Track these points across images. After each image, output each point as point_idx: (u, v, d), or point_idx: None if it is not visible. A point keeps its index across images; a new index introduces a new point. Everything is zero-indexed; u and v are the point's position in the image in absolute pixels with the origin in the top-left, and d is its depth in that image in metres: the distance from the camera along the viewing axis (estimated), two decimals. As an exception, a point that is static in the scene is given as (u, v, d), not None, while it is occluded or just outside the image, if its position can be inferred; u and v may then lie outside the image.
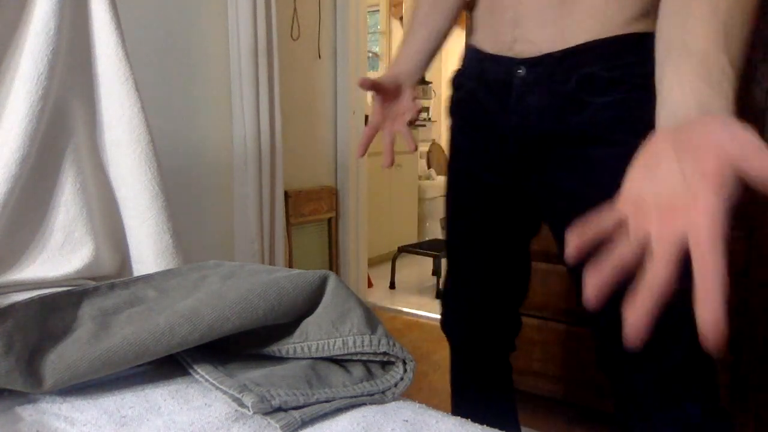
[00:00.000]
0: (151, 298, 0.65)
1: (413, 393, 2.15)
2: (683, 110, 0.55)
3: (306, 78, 2.75)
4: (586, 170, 0.85)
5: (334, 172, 2.93)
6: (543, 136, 0.89)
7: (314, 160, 2.83)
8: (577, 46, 0.83)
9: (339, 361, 0.64)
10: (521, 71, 0.88)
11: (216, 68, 2.21)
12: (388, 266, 3.55)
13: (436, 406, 1.99)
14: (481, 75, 0.97)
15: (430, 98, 4.67)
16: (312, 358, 0.63)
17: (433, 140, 5.03)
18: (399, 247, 3.42)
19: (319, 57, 2.79)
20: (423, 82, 4.53)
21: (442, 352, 2.37)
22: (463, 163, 1.06)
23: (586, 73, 0.83)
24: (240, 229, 2.31)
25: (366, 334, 0.62)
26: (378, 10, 4.72)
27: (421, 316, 2.86)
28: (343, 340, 0.62)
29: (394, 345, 0.62)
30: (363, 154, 1.07)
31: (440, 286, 3.17)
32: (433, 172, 4.61)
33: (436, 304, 3.19)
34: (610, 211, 0.51)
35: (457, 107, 1.07)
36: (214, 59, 2.20)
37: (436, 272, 3.30)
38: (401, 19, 4.80)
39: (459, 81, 1.06)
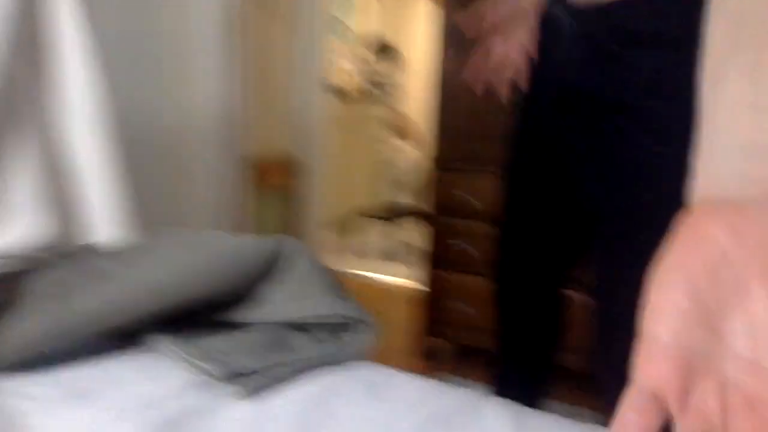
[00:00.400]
0: (109, 269, 0.63)
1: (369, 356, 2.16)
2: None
3: (266, 43, 2.68)
4: (611, 148, 0.80)
5: (295, 140, 2.89)
6: (572, 94, 0.85)
7: (274, 129, 2.78)
8: None
9: (302, 326, 0.64)
10: (570, 22, 0.84)
11: (173, 30, 2.13)
12: (348, 231, 3.57)
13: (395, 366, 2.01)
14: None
15: (399, 69, 4.63)
16: (276, 323, 0.63)
17: (399, 110, 5.00)
18: (359, 213, 3.43)
19: (276, 19, 2.71)
20: (394, 53, 4.47)
21: (395, 313, 2.40)
22: None
23: (619, 25, 0.77)
24: (196, 198, 2.26)
25: (331, 297, 0.62)
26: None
27: (375, 279, 2.91)
28: (309, 304, 0.62)
29: (358, 309, 0.62)
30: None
31: (395, 249, 3.20)
32: (395, 140, 4.60)
33: (391, 267, 3.25)
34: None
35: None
36: (171, 20, 2.12)
37: (395, 236, 3.34)
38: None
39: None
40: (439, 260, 1.91)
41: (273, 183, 2.75)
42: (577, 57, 0.82)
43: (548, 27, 0.87)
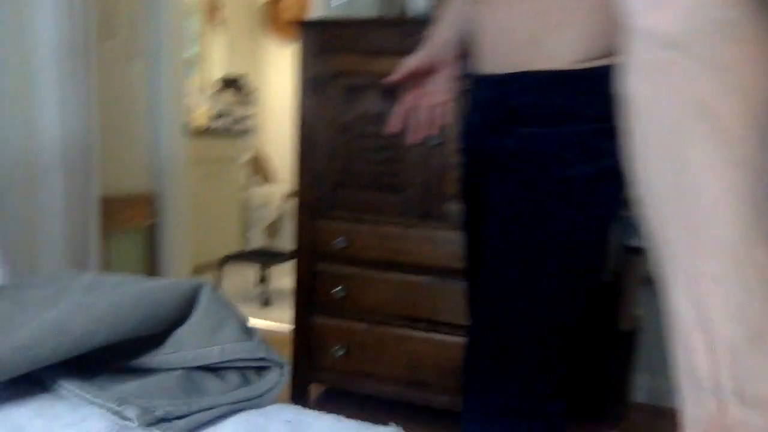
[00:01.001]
0: (6, 311, 0.59)
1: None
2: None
3: (122, 79, 2.58)
4: (503, 196, 0.89)
5: (153, 177, 2.78)
6: (477, 155, 0.95)
7: (132, 165, 2.66)
8: (512, 74, 0.86)
9: (213, 369, 0.64)
10: (468, 86, 0.95)
11: (13, 64, 1.98)
12: (212, 276, 3.44)
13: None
14: (465, 93, 0.98)
15: (252, 105, 4.63)
16: (187, 368, 0.63)
17: (257, 149, 4.98)
18: (223, 256, 3.34)
19: (132, 58, 2.63)
20: (244, 89, 4.46)
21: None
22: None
23: (516, 103, 0.86)
24: (46, 238, 2.08)
25: (243, 341, 0.64)
26: (195, 13, 4.57)
27: (247, 326, 2.83)
28: (221, 348, 0.63)
29: (269, 351, 0.65)
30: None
31: (268, 295, 3.16)
32: (257, 180, 4.57)
33: (264, 313, 3.18)
34: None
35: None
36: (11, 56, 1.97)
37: (263, 280, 3.27)
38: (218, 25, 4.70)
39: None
40: (309, 304, 1.93)
41: (131, 222, 2.61)
42: (480, 122, 0.92)
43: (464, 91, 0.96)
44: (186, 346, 0.63)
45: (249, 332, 0.66)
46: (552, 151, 0.82)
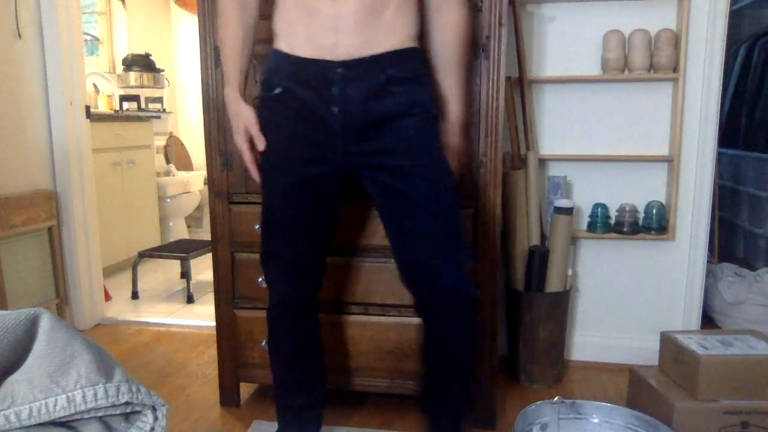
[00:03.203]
0: None
1: (171, 408, 1.94)
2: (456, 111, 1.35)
3: (8, 60, 2.28)
4: (400, 134, 1.23)
5: (51, 173, 2.51)
6: (363, 120, 1.21)
7: (25, 160, 2.38)
8: (382, 53, 1.20)
9: (65, 423, 0.50)
10: (340, 70, 1.19)
11: None
12: (128, 274, 3.20)
13: (198, 420, 1.84)
14: (298, 75, 1.23)
15: (163, 87, 4.31)
16: (25, 427, 0.48)
17: (171, 133, 4.67)
18: (139, 252, 3.10)
19: (20, 37, 2.34)
20: (153, 69, 4.15)
21: (198, 361, 2.21)
22: (283, 153, 1.28)
23: (390, 73, 1.20)
24: None
25: (99, 384, 0.49)
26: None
27: (171, 325, 2.63)
28: (67, 397, 0.48)
29: (138, 391, 0.51)
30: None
31: (190, 290, 2.96)
32: (173, 167, 4.28)
33: (188, 310, 2.99)
34: None
35: (275, 103, 1.27)
36: None
37: (185, 275, 3.07)
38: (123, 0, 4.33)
39: (273, 81, 1.28)
40: (232, 297, 1.78)
41: (27, 224, 2.34)
42: (354, 95, 1.20)
43: (307, 82, 1.22)
44: (19, 400, 0.48)
45: (107, 369, 0.51)
46: (424, 98, 1.26)
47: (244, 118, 1.29)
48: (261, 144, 1.28)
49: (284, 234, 1.33)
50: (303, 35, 1.21)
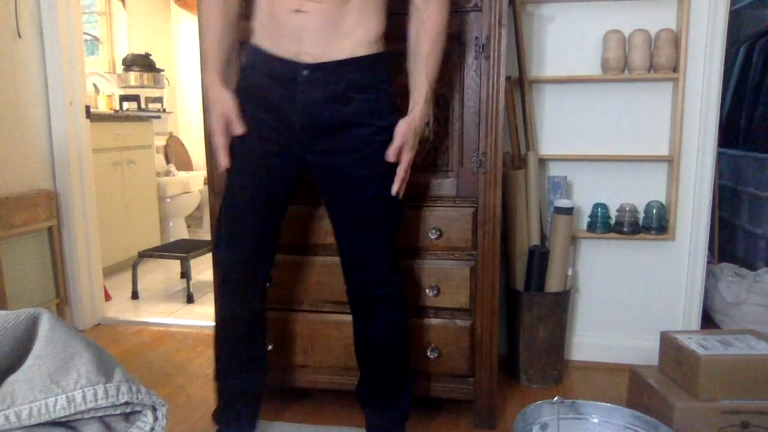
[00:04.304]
0: None
1: (171, 408, 1.94)
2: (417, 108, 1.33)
3: (8, 60, 2.28)
4: (352, 141, 1.30)
5: (51, 173, 2.51)
6: (321, 121, 1.29)
7: (25, 160, 2.38)
8: (344, 59, 1.26)
9: (65, 423, 0.50)
10: (306, 72, 1.26)
11: None
12: (128, 274, 3.20)
13: (198, 420, 1.84)
14: (269, 71, 1.30)
15: (162, 87, 4.31)
16: (25, 427, 0.48)
17: (170, 133, 4.67)
18: (139, 252, 3.10)
19: (20, 37, 2.34)
20: (153, 69, 4.15)
21: (198, 360, 2.21)
22: (250, 135, 1.33)
23: (351, 79, 1.27)
24: None
25: (99, 384, 0.49)
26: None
27: (171, 325, 2.63)
28: (67, 397, 0.48)
29: (138, 391, 0.51)
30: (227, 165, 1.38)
31: (190, 290, 2.96)
32: (173, 167, 4.28)
33: (188, 310, 3.00)
34: None
35: (246, 92, 1.34)
36: None
37: (185, 275, 3.07)
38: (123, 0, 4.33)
39: (248, 72, 1.35)
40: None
41: (28, 224, 2.34)
42: (315, 98, 1.27)
43: (276, 77, 1.29)
44: (19, 400, 0.48)
45: (107, 369, 0.51)
46: (381, 108, 1.32)
47: (222, 104, 1.33)
48: (239, 129, 1.32)
49: (241, 211, 1.39)
50: (271, 39, 1.29)
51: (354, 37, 1.27)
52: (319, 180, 1.39)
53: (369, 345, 1.49)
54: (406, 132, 1.30)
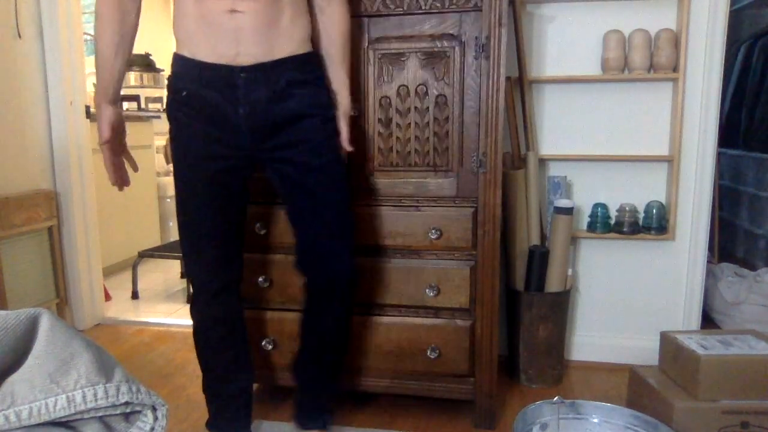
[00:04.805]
0: None
1: (171, 408, 1.94)
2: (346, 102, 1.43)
3: (9, 59, 2.28)
4: (301, 132, 1.34)
5: (51, 172, 2.51)
6: (268, 120, 1.31)
7: (25, 160, 2.38)
8: (282, 58, 1.29)
9: (65, 423, 0.50)
10: (243, 75, 1.27)
11: None
12: (128, 274, 3.20)
13: (198, 420, 1.84)
14: (205, 81, 1.29)
15: (162, 87, 4.30)
16: (25, 427, 0.48)
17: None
18: (139, 252, 3.10)
19: (20, 37, 2.34)
20: (153, 69, 4.15)
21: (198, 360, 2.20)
22: (194, 151, 1.36)
23: (290, 77, 1.31)
24: None
25: (99, 384, 0.49)
26: (93, -13, 4.19)
27: (171, 325, 2.63)
28: (67, 397, 0.48)
29: (138, 391, 0.51)
30: (122, 185, 1.49)
31: (190, 290, 2.95)
32: (172, 167, 4.28)
33: (187, 310, 2.97)
34: None
35: (183, 106, 1.34)
36: None
37: (185, 275, 3.07)
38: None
39: (179, 84, 1.35)
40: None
41: (28, 224, 2.34)
42: (258, 97, 1.29)
43: (212, 85, 1.29)
44: (19, 400, 0.48)
45: (107, 369, 0.51)
46: (322, 100, 1.38)
47: (104, 121, 1.37)
48: (102, 138, 1.38)
49: (200, 228, 1.40)
50: (204, 45, 1.28)
51: (291, 35, 1.30)
52: (274, 177, 1.41)
53: (318, 327, 1.51)
54: (346, 131, 1.44)
